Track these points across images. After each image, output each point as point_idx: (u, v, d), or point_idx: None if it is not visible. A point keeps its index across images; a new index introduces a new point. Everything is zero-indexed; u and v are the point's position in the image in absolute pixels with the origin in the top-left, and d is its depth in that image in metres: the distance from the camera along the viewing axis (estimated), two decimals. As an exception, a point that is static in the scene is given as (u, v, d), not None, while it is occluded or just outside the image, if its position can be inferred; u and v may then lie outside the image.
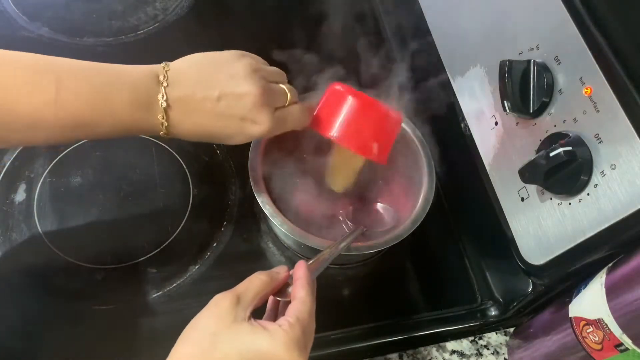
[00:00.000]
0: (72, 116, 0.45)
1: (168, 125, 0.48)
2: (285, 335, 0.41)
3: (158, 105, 0.47)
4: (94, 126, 0.47)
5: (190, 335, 0.41)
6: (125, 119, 0.47)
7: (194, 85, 0.48)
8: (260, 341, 0.40)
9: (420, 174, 0.62)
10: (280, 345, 0.40)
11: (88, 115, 0.46)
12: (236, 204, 0.67)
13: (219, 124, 0.49)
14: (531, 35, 0.50)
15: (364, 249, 0.57)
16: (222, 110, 0.48)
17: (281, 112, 0.51)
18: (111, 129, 0.48)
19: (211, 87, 0.48)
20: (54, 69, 0.46)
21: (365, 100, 0.55)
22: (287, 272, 0.47)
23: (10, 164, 0.67)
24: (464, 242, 0.69)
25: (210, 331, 0.40)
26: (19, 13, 0.79)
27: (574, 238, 0.45)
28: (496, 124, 0.55)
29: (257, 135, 0.50)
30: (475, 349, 0.62)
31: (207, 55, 0.51)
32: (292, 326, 0.41)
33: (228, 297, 0.42)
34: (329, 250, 0.53)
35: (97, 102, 0.46)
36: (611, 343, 0.44)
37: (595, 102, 0.43)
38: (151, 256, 0.62)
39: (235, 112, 0.49)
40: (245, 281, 0.45)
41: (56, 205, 0.64)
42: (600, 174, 0.42)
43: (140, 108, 0.47)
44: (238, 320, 0.41)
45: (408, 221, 0.59)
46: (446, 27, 0.65)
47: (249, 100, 0.48)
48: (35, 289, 0.59)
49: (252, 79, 0.49)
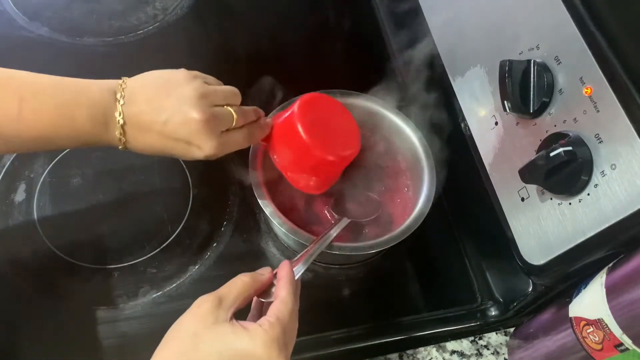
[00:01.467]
0: (34, 131, 0.48)
1: (126, 140, 0.51)
2: (265, 334, 0.41)
3: (115, 122, 0.50)
4: (56, 140, 0.50)
5: (172, 337, 0.42)
6: (85, 133, 0.50)
7: (146, 106, 0.50)
8: (240, 340, 0.41)
9: (420, 174, 0.62)
10: (260, 344, 0.41)
11: (49, 130, 0.48)
12: (236, 204, 0.67)
13: (167, 144, 0.51)
14: (531, 35, 0.50)
15: (364, 249, 0.57)
16: (169, 133, 0.50)
17: (226, 136, 0.53)
18: (72, 143, 0.51)
19: (160, 110, 0.50)
20: (17, 85, 0.48)
21: (309, 138, 0.56)
22: (271, 274, 0.48)
23: (10, 164, 0.67)
24: (464, 242, 0.69)
25: (191, 332, 0.41)
26: (19, 13, 0.79)
27: (574, 238, 0.45)
28: (496, 124, 0.55)
29: (202, 157, 0.52)
30: (475, 349, 0.62)
31: (162, 76, 0.53)
32: (272, 325, 0.42)
33: (210, 299, 0.43)
34: (313, 245, 0.53)
35: (59, 119, 0.48)
36: (611, 343, 0.44)
37: (595, 102, 0.43)
38: (151, 256, 0.62)
39: (180, 136, 0.51)
40: (229, 283, 0.45)
41: (56, 206, 0.64)
42: (600, 174, 0.42)
43: (99, 124, 0.50)
44: (219, 321, 0.42)
45: (408, 221, 0.59)
46: (446, 27, 0.64)
47: (193, 126, 0.50)
48: (35, 288, 0.59)
49: (199, 105, 0.50)
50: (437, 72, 0.64)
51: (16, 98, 0.47)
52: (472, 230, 0.69)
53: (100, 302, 0.59)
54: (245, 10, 0.85)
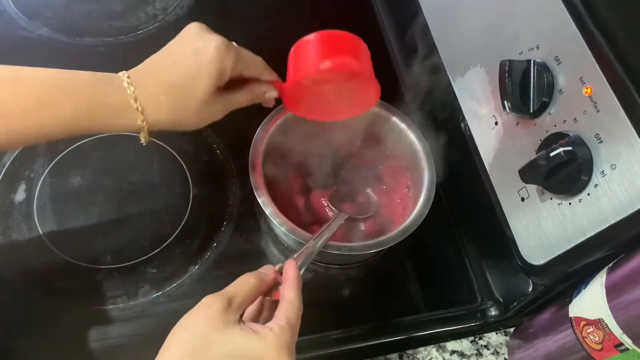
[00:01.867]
0: (32, 95, 0.46)
1: (132, 85, 0.48)
2: (276, 339, 0.41)
3: (119, 77, 0.48)
4: (56, 106, 0.47)
5: (180, 337, 0.41)
6: (86, 94, 0.47)
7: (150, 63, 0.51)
8: (251, 344, 0.41)
9: (420, 174, 0.62)
10: (272, 348, 0.41)
11: (47, 93, 0.46)
12: (236, 204, 0.67)
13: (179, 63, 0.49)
14: (531, 35, 0.50)
15: (364, 248, 0.57)
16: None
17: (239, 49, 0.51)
18: (74, 110, 0.47)
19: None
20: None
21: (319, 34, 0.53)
22: (275, 274, 0.47)
23: (10, 164, 0.67)
24: (464, 242, 0.69)
25: (202, 332, 0.41)
26: (19, 13, 0.79)
27: (574, 238, 0.45)
28: (496, 124, 0.55)
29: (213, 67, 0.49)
30: (475, 349, 0.62)
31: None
32: (283, 330, 0.42)
33: (219, 301, 0.42)
34: (313, 242, 0.53)
35: (57, 80, 0.47)
36: (611, 343, 0.44)
37: (595, 102, 0.43)
38: (151, 256, 0.63)
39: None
40: (236, 284, 0.45)
41: (56, 205, 0.64)
42: (600, 174, 0.42)
43: (101, 81, 0.48)
44: (230, 323, 0.41)
45: (408, 221, 0.59)
46: (446, 27, 0.64)
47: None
48: (35, 289, 0.60)
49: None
50: (437, 72, 0.64)
51: (12, 71, 0.46)
52: (472, 230, 0.69)
53: (100, 302, 0.59)
54: (245, 10, 0.85)
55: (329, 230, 0.56)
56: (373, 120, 0.66)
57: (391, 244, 0.57)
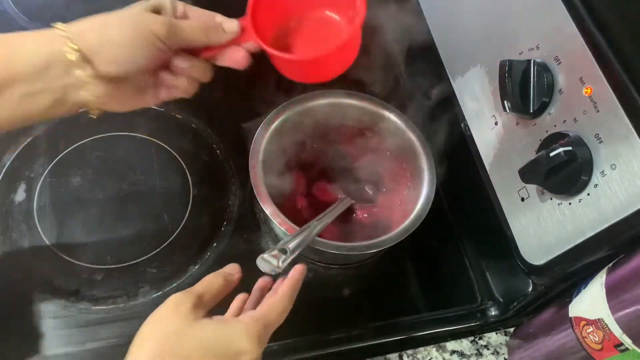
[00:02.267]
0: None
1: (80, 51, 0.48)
2: (246, 328, 0.43)
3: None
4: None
5: (150, 336, 0.42)
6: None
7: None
8: (221, 332, 0.42)
9: (420, 174, 0.62)
10: (242, 335, 0.42)
11: None
12: (236, 204, 0.67)
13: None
14: (531, 35, 0.50)
15: (364, 248, 0.57)
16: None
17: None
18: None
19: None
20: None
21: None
22: (239, 274, 0.49)
23: (10, 164, 0.67)
24: (464, 242, 0.69)
25: (173, 329, 0.42)
26: (19, 13, 0.79)
27: (574, 238, 0.45)
28: (496, 124, 0.55)
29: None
30: (475, 349, 0.62)
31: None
32: (255, 320, 0.44)
33: (189, 299, 0.44)
34: (315, 222, 0.55)
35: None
36: (611, 343, 0.44)
37: (595, 102, 0.43)
38: (151, 256, 0.63)
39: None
40: (203, 283, 0.47)
41: (56, 205, 0.64)
42: (600, 174, 0.42)
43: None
44: (199, 318, 0.43)
45: (408, 221, 0.59)
46: (446, 27, 0.64)
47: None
48: (35, 288, 0.59)
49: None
50: (437, 72, 0.64)
51: None
52: (472, 230, 0.69)
53: (100, 302, 0.59)
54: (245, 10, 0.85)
55: (332, 215, 0.56)
56: (373, 121, 0.66)
57: (391, 244, 0.57)
